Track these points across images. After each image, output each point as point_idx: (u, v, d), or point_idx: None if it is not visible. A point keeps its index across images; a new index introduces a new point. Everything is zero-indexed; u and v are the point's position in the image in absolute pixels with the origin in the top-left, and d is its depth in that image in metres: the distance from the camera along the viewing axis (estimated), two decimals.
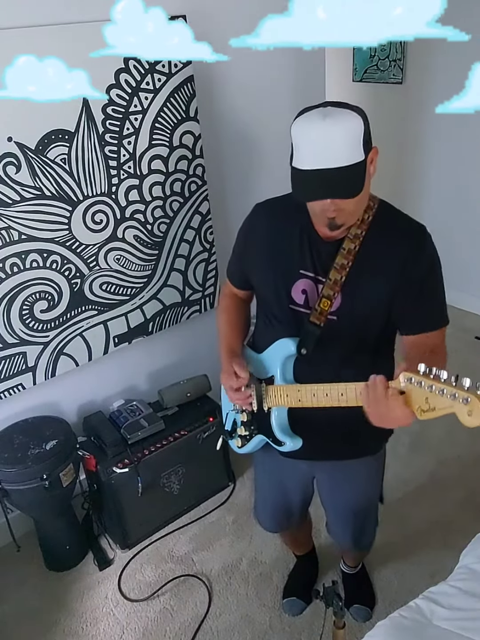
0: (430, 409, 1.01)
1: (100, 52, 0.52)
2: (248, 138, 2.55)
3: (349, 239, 1.24)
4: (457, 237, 3.76)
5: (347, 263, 1.24)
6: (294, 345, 1.32)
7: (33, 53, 0.55)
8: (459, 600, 1.39)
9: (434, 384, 1.00)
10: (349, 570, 2.06)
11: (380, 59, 3.72)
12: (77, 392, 2.41)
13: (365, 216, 1.24)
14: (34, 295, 2.06)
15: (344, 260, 1.24)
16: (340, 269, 1.24)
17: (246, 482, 2.62)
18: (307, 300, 1.31)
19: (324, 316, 1.27)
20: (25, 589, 2.23)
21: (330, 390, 1.20)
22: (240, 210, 1.49)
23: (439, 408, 1.00)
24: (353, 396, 1.17)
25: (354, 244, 1.24)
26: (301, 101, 2.68)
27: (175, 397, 2.39)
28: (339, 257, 1.24)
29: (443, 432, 2.77)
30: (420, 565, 2.16)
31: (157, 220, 2.29)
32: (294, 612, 2.04)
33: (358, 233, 1.24)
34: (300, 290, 1.31)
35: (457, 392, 0.96)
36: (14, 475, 1.99)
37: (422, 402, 1.02)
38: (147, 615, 2.09)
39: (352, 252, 1.24)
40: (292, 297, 1.32)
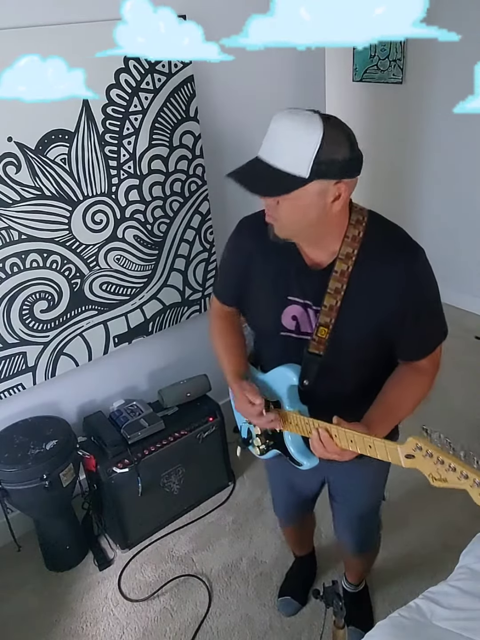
0: (442, 480, 1.01)
1: (107, 52, 0.52)
2: (248, 138, 2.55)
3: (340, 260, 1.18)
4: (457, 237, 3.76)
5: (342, 286, 1.18)
6: (296, 377, 1.29)
7: (32, 53, 0.55)
8: (459, 600, 1.39)
9: (445, 458, 0.99)
10: (350, 588, 2.02)
11: (380, 59, 3.72)
12: (77, 392, 2.41)
13: (356, 232, 1.18)
14: (34, 295, 2.06)
15: (337, 283, 1.18)
16: (334, 293, 1.18)
17: (246, 482, 2.62)
18: (298, 326, 1.28)
19: (323, 344, 1.23)
20: (25, 589, 2.23)
21: (355, 438, 1.14)
22: (240, 211, 1.49)
23: (450, 481, 0.99)
24: (384, 452, 1.11)
25: (346, 265, 1.17)
26: (301, 101, 2.69)
27: (175, 397, 2.39)
28: (332, 281, 1.18)
29: (443, 432, 2.77)
30: (420, 565, 2.16)
31: (157, 220, 2.29)
32: (288, 612, 2.04)
33: (350, 252, 1.17)
34: (291, 316, 1.28)
35: (467, 473, 0.96)
36: (14, 475, 1.98)
37: (434, 472, 1.02)
38: (147, 615, 2.09)
39: (346, 273, 1.17)
40: (283, 324, 1.30)
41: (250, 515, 2.45)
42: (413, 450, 1.04)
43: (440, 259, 4.00)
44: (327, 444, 1.18)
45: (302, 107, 1.13)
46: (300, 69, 2.63)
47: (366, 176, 1.28)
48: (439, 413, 2.81)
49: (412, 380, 1.28)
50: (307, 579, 2.14)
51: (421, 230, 3.94)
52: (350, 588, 2.02)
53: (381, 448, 1.11)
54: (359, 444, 1.14)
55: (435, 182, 3.75)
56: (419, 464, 1.04)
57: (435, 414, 2.78)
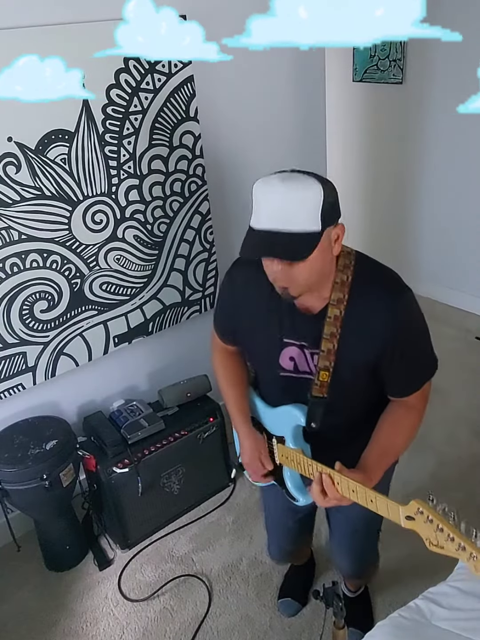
0: (439, 546, 1.02)
1: (106, 52, 0.52)
2: (248, 138, 2.55)
3: (332, 305, 1.21)
4: (457, 237, 3.76)
5: (337, 330, 1.21)
6: (303, 418, 1.31)
7: (32, 53, 0.55)
8: (458, 600, 1.39)
9: (445, 527, 0.99)
10: (349, 593, 2.02)
11: (380, 59, 3.72)
12: (77, 392, 2.41)
13: (345, 277, 1.20)
14: (34, 295, 2.06)
15: (332, 328, 1.21)
16: (330, 337, 1.22)
17: (246, 482, 2.62)
18: (296, 366, 1.31)
19: (325, 387, 1.26)
20: (25, 589, 2.23)
21: (357, 488, 1.15)
22: (240, 210, 1.49)
23: (447, 549, 1.00)
24: (385, 509, 1.13)
25: (338, 310, 1.21)
26: (301, 101, 2.69)
27: (175, 397, 2.38)
28: (326, 327, 1.21)
29: (444, 433, 2.77)
30: (420, 565, 2.15)
31: (157, 220, 2.29)
32: (289, 613, 2.04)
33: (341, 297, 1.20)
34: (288, 357, 1.31)
35: (465, 546, 0.96)
36: (14, 475, 1.98)
37: (432, 537, 1.03)
38: (147, 615, 2.09)
39: (339, 318, 1.21)
40: (281, 365, 1.32)
41: (250, 516, 2.45)
42: (414, 514, 1.05)
43: (440, 259, 4.04)
44: (329, 489, 1.20)
45: (302, 107, 1.13)
46: (300, 69, 2.63)
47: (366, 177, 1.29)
48: (440, 413, 2.81)
49: (403, 420, 1.31)
50: (307, 580, 2.14)
51: (421, 230, 3.95)
52: (350, 593, 2.02)
53: (382, 505, 1.12)
54: (360, 495, 1.16)
55: (435, 182, 3.75)
56: (418, 527, 1.05)
57: (435, 415, 2.78)
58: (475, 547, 0.96)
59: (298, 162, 2.76)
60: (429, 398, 1.36)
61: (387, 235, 4.09)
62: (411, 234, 4.00)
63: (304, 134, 2.75)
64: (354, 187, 4.15)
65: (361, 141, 4.10)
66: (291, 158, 2.75)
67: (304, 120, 2.73)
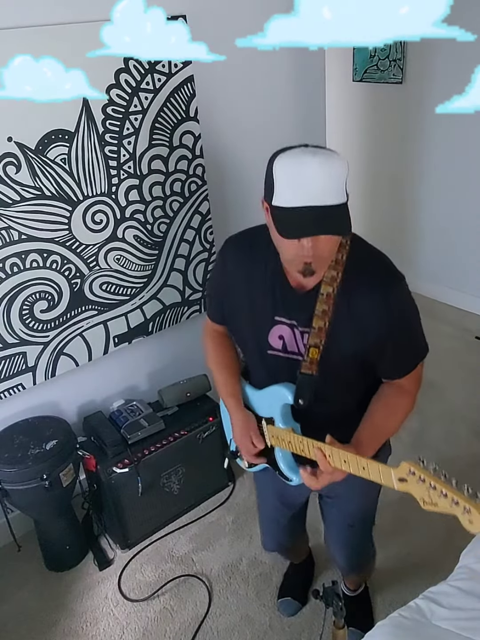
0: (433, 504, 1.03)
1: (96, 52, 0.52)
2: (248, 138, 2.55)
3: (325, 283, 1.20)
4: (457, 237, 3.76)
5: (328, 308, 1.21)
6: (291, 395, 1.31)
7: (31, 53, 0.55)
8: (459, 600, 1.39)
9: (437, 484, 1.01)
10: (348, 592, 2.02)
11: (380, 59, 3.72)
12: (77, 392, 2.41)
13: (339, 256, 1.20)
14: (34, 295, 2.06)
15: (324, 305, 1.21)
16: (322, 315, 1.21)
17: (246, 482, 2.62)
18: (285, 345, 1.30)
19: (315, 365, 1.26)
20: (25, 589, 2.23)
21: (349, 458, 1.17)
22: (240, 211, 1.49)
23: (441, 506, 1.01)
24: (377, 474, 1.13)
25: (331, 287, 1.20)
26: (301, 101, 2.69)
27: (175, 397, 2.39)
28: (319, 304, 1.21)
29: (443, 432, 2.77)
30: (420, 565, 2.16)
31: (157, 220, 2.29)
32: (289, 613, 2.04)
33: (334, 275, 1.20)
34: (277, 336, 1.30)
35: (458, 500, 0.98)
36: (14, 475, 1.99)
37: (425, 496, 1.03)
38: (147, 615, 2.09)
39: (331, 295, 1.20)
40: (270, 343, 1.32)
41: (250, 515, 2.45)
42: (406, 475, 1.06)
43: (440, 259, 4.04)
44: (320, 462, 1.21)
45: (302, 107, 1.13)
46: (300, 69, 2.63)
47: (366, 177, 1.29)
48: (439, 413, 2.81)
49: (395, 401, 1.32)
50: (306, 580, 2.14)
51: (421, 230, 3.95)
52: (349, 592, 2.02)
53: (375, 470, 1.13)
54: (352, 464, 1.16)
55: (435, 182, 3.75)
56: (412, 488, 1.06)
57: (435, 414, 2.78)
58: (468, 500, 0.97)
59: None
60: (421, 382, 1.36)
61: (387, 235, 4.09)
62: (411, 234, 4.00)
63: (304, 134, 2.75)
64: (354, 187, 4.13)
65: (361, 141, 4.10)
66: None
67: (304, 120, 2.73)
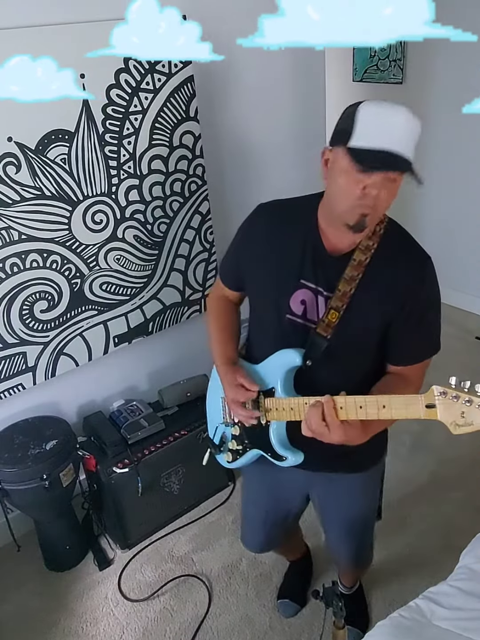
0: (467, 424, 0.99)
1: (97, 52, 0.52)
2: (248, 138, 2.55)
3: (360, 250, 1.22)
4: (457, 237, 3.76)
5: (357, 275, 1.21)
6: (299, 357, 1.27)
7: (29, 53, 0.55)
8: (458, 600, 1.39)
9: (472, 397, 0.97)
10: (345, 590, 2.01)
11: (380, 59, 3.72)
12: (77, 392, 2.41)
13: (377, 228, 1.23)
14: (34, 295, 2.06)
15: (354, 271, 1.22)
16: (350, 280, 1.22)
17: None
18: (305, 312, 1.28)
19: (331, 328, 1.24)
20: (25, 589, 2.23)
21: (366, 400, 1.12)
22: (240, 210, 1.49)
23: (476, 423, 0.98)
24: (401, 407, 1.10)
25: (365, 256, 1.22)
26: (301, 101, 2.69)
27: (175, 397, 2.39)
28: (349, 269, 1.22)
29: (444, 433, 2.75)
30: (420, 565, 2.15)
31: (157, 220, 2.29)
32: (287, 614, 2.04)
33: (370, 244, 1.22)
34: (300, 300, 1.28)
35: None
36: (14, 475, 1.98)
37: (458, 417, 1.00)
38: (147, 615, 2.09)
39: (363, 263, 1.22)
40: (290, 307, 1.29)
41: None
42: (436, 397, 1.02)
43: (440, 259, 4.00)
44: (329, 412, 1.14)
45: (302, 107, 1.14)
46: (300, 69, 2.63)
47: None
48: None
49: (399, 388, 1.28)
50: (305, 580, 2.14)
51: (421, 230, 3.94)
52: (345, 590, 2.01)
53: (398, 403, 1.08)
54: (370, 407, 1.11)
55: (435, 182, 3.75)
56: (441, 412, 1.02)
57: None
58: None
59: (298, 161, 2.77)
60: (424, 379, 1.34)
61: None
62: (411, 234, 3.99)
63: (304, 134, 2.75)
64: None
65: None
66: (291, 157, 2.75)
67: (304, 120, 2.73)
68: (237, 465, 1.49)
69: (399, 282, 1.22)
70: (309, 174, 2.85)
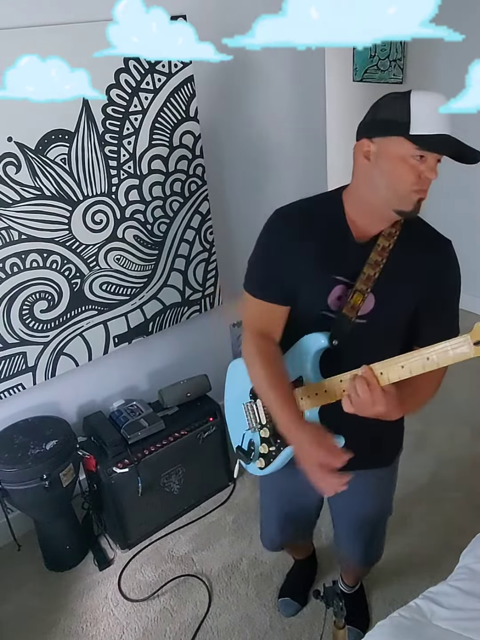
0: None
1: (103, 52, 0.52)
2: (248, 138, 2.55)
3: (383, 237, 1.25)
4: (458, 237, 3.72)
5: (381, 260, 1.24)
6: (325, 338, 1.26)
7: (34, 53, 0.55)
8: (459, 600, 1.39)
9: None
10: (346, 589, 2.01)
11: (381, 59, 3.72)
12: (77, 392, 2.41)
13: None
14: (34, 295, 2.06)
15: (378, 257, 1.25)
16: (374, 264, 1.24)
17: (246, 482, 2.62)
18: (341, 307, 1.28)
19: (355, 311, 1.26)
20: (25, 589, 2.23)
21: (410, 356, 1.10)
22: (240, 210, 1.49)
23: None
24: (447, 353, 1.07)
25: (388, 242, 1.25)
26: (301, 101, 2.69)
27: (175, 397, 2.38)
28: (373, 254, 1.25)
29: (445, 433, 2.77)
30: (420, 565, 2.15)
31: (157, 220, 2.29)
32: (288, 613, 2.04)
33: (392, 232, 1.25)
34: (336, 297, 1.28)
35: None
36: (14, 475, 1.99)
37: None
38: (147, 615, 2.09)
39: (387, 249, 1.25)
40: (328, 305, 1.29)
41: (250, 515, 2.45)
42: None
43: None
44: (371, 384, 1.12)
45: (302, 106, 1.14)
46: (300, 69, 2.63)
47: None
48: (441, 413, 2.81)
49: (419, 382, 1.23)
50: (308, 580, 2.14)
51: None
52: (347, 589, 2.01)
53: (442, 352, 1.06)
54: (414, 364, 1.10)
55: (435, 182, 3.74)
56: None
57: (437, 414, 2.78)
58: None
59: (298, 161, 2.77)
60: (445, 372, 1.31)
61: None
62: None
63: (304, 134, 2.75)
64: None
65: None
66: (291, 157, 2.75)
67: (304, 120, 2.73)
68: (270, 470, 1.42)
69: (423, 267, 1.26)
70: (309, 173, 2.86)
